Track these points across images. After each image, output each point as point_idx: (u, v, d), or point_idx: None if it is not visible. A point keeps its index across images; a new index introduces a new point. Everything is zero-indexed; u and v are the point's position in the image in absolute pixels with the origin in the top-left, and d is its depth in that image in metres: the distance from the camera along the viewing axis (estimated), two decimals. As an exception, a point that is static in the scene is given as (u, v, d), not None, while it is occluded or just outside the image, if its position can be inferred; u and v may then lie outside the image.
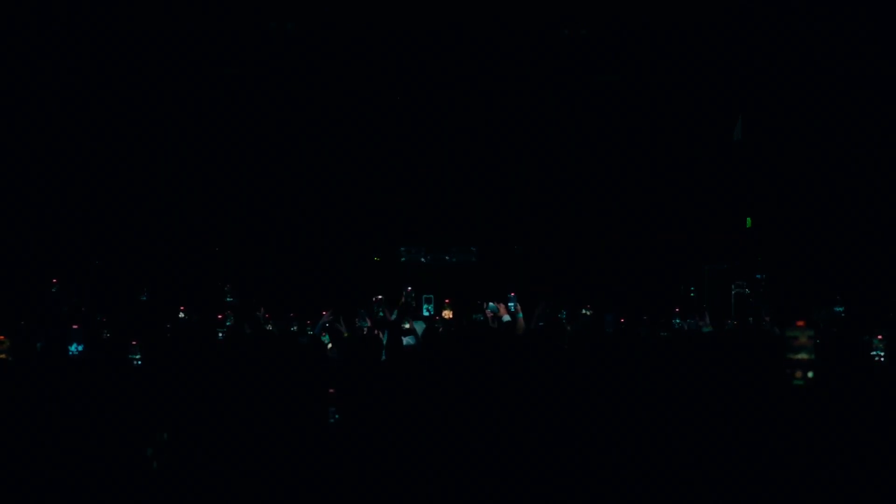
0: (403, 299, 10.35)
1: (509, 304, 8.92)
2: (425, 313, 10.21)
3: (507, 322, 8.78)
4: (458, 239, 17.99)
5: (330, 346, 8.40)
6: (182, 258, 17.15)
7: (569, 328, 9.54)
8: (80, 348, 6.92)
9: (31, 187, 16.36)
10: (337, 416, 5.54)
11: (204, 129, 17.69)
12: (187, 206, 17.56)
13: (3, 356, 6.74)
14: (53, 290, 11.04)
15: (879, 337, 7.62)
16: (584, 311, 12.31)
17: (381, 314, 9.96)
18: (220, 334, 9.16)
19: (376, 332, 9.09)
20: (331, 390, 5.60)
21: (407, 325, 9.17)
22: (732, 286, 16.15)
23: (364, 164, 18.11)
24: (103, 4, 16.67)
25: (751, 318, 11.83)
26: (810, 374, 5.28)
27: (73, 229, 16.57)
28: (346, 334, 9.47)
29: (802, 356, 5.28)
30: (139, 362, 6.58)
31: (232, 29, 17.41)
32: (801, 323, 5.27)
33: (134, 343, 6.66)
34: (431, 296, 10.42)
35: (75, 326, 7.06)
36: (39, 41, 16.29)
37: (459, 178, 18.18)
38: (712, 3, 17.24)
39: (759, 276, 16.49)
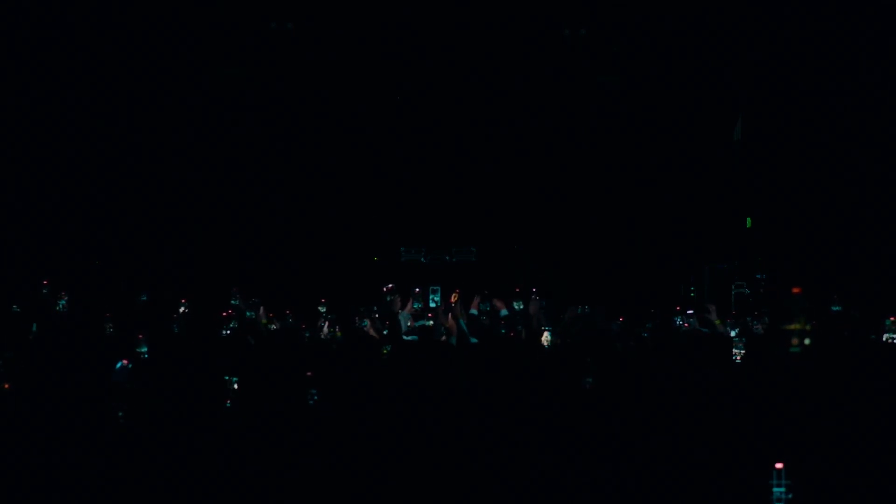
0: (412, 301, 10.32)
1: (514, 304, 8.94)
2: (431, 304, 10.21)
3: (506, 316, 8.80)
4: (458, 239, 17.97)
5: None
6: (181, 259, 17.14)
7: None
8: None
9: (30, 188, 16.37)
10: (316, 398, 5.54)
11: (203, 129, 17.67)
12: (187, 207, 17.54)
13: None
14: (45, 290, 10.91)
15: (893, 318, 7.55)
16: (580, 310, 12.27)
17: (388, 298, 9.87)
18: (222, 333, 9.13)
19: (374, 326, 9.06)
20: (308, 373, 5.60)
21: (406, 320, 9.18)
22: (732, 286, 16.15)
23: (364, 163, 18.10)
24: (102, 4, 16.67)
25: (749, 318, 11.81)
26: (807, 342, 5.26)
27: (72, 230, 16.57)
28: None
29: (798, 325, 5.26)
30: (146, 355, 6.55)
31: (232, 29, 17.41)
32: (796, 290, 5.26)
33: (140, 336, 6.61)
34: (438, 287, 10.44)
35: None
36: (38, 40, 16.29)
37: (459, 178, 18.16)
38: (712, 3, 17.24)
39: (759, 276, 16.48)
